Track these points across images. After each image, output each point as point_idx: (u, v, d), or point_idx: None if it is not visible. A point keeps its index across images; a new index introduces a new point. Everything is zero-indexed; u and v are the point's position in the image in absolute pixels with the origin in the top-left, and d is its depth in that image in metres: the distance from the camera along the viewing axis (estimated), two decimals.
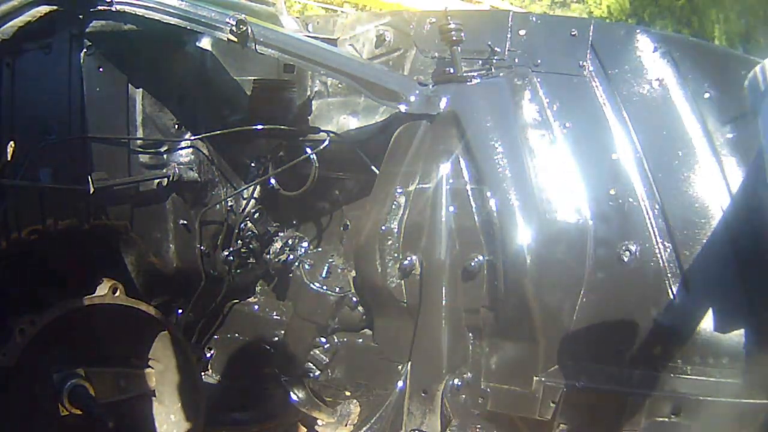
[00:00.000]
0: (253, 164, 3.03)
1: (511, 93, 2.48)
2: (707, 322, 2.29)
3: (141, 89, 2.70)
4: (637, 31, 2.50)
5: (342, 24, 3.11)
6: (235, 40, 2.43)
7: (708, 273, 2.32)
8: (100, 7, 2.47)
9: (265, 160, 2.98)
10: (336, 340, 2.83)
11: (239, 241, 2.99)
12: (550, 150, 2.45)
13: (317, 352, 2.82)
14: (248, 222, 3.00)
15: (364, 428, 2.62)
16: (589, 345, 2.39)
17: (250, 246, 3.02)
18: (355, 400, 2.87)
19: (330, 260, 2.87)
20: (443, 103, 2.45)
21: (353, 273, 2.78)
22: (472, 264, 2.36)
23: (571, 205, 2.40)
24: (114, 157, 2.63)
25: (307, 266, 2.82)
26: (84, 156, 2.52)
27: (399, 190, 2.50)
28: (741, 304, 2.28)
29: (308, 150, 2.77)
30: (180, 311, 3.00)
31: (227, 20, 2.41)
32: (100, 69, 2.56)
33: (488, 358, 2.45)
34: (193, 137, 2.87)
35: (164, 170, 2.79)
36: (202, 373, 2.87)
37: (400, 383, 2.57)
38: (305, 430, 3.03)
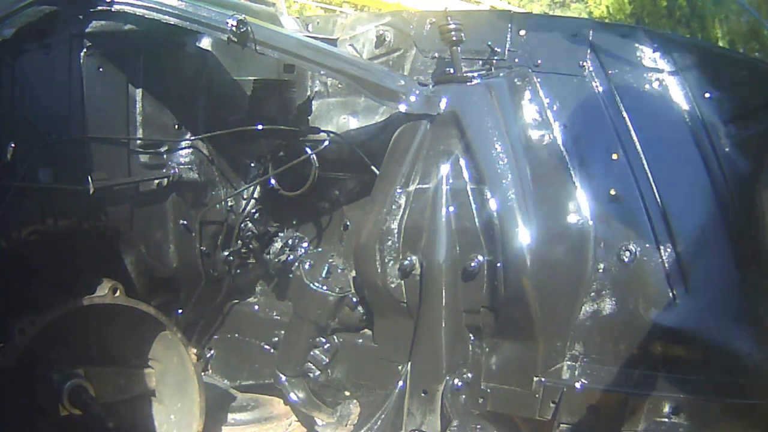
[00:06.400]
0: (253, 164, 3.04)
1: (511, 93, 2.48)
2: (707, 322, 2.29)
3: (141, 89, 2.70)
4: (637, 31, 2.51)
5: (342, 24, 3.12)
6: (235, 40, 2.43)
7: (708, 273, 2.33)
8: (100, 7, 2.47)
9: (265, 160, 2.98)
10: (336, 340, 2.83)
11: (239, 241, 2.99)
12: (550, 150, 2.45)
13: (317, 352, 2.82)
14: (248, 222, 3.00)
15: (364, 428, 2.62)
16: (589, 345, 2.39)
17: (250, 246, 3.02)
18: (355, 400, 2.87)
19: (330, 260, 2.87)
20: (443, 103, 2.45)
21: (353, 273, 2.78)
22: (472, 264, 2.36)
23: (571, 205, 2.40)
24: (114, 157, 2.63)
25: (307, 266, 2.82)
26: (84, 156, 2.52)
27: (399, 190, 2.50)
28: (741, 304, 2.29)
29: (308, 150, 2.78)
30: (180, 311, 3.00)
31: (227, 20, 2.41)
32: (100, 69, 2.56)
33: (488, 358, 2.45)
34: (193, 137, 2.87)
35: (164, 171, 2.79)
36: (202, 373, 2.87)
37: (400, 383, 2.57)
38: (305, 430, 3.03)
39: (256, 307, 3.20)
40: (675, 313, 2.32)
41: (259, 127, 2.81)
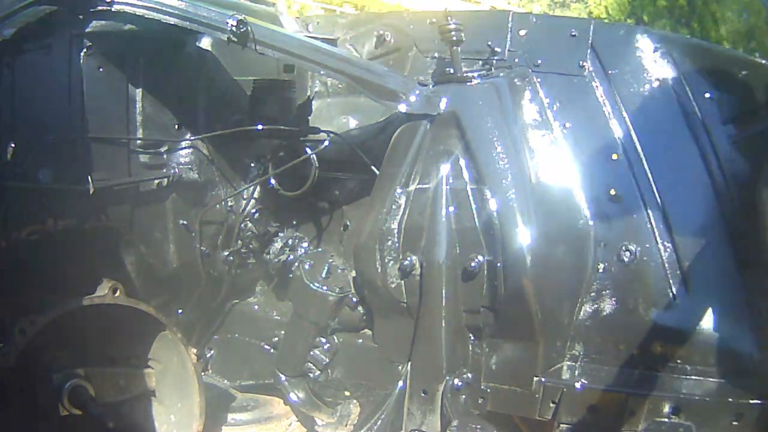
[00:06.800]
0: (253, 164, 3.04)
1: (511, 93, 2.48)
2: (707, 322, 2.30)
3: (141, 89, 2.70)
4: (637, 31, 2.51)
5: (342, 24, 3.11)
6: (235, 40, 2.43)
7: (708, 273, 2.33)
8: (100, 7, 2.47)
9: (265, 160, 2.98)
10: (336, 340, 2.83)
11: (239, 241, 2.99)
12: (550, 150, 2.45)
13: (317, 352, 2.82)
14: (248, 222, 3.00)
15: (364, 428, 2.62)
16: (589, 345, 2.39)
17: (250, 246, 3.02)
18: (355, 400, 2.87)
19: (330, 260, 2.87)
20: (443, 103, 2.45)
21: (353, 273, 2.78)
22: (472, 264, 2.36)
23: (571, 205, 2.40)
24: (114, 157, 2.63)
25: (307, 266, 2.82)
26: (84, 156, 2.52)
27: (399, 190, 2.50)
28: (741, 304, 2.29)
29: (308, 150, 2.78)
30: (180, 311, 3.00)
31: (227, 20, 2.41)
32: (100, 69, 2.56)
33: (488, 358, 2.45)
34: (193, 137, 2.87)
35: (164, 170, 2.79)
36: (202, 373, 2.87)
37: (400, 383, 2.57)
38: (305, 430, 3.03)
39: (256, 307, 3.20)
40: (675, 313, 2.32)
41: (259, 127, 2.81)
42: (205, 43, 2.91)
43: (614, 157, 2.42)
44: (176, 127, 2.85)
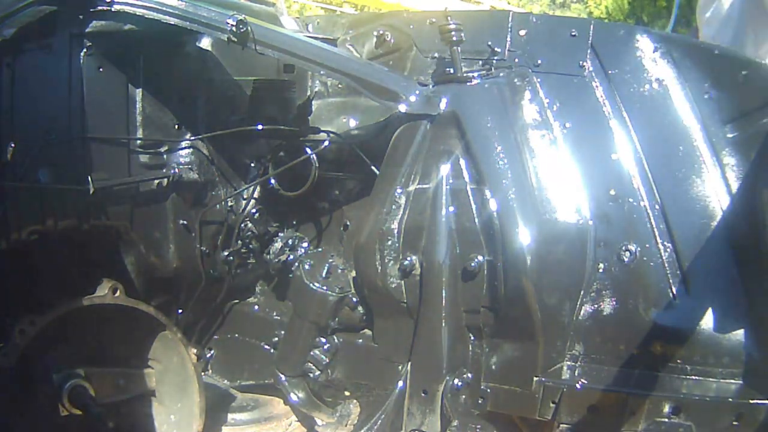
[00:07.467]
0: (253, 164, 3.04)
1: (511, 93, 2.48)
2: (707, 322, 2.30)
3: (141, 89, 2.69)
4: (637, 31, 2.51)
5: (342, 24, 3.12)
6: (235, 40, 2.43)
7: (708, 273, 2.33)
8: (100, 7, 2.47)
9: (265, 160, 2.98)
10: (336, 340, 2.83)
11: (239, 241, 2.99)
12: (550, 150, 2.45)
13: (317, 352, 2.82)
14: (248, 222, 3.00)
15: (364, 428, 2.62)
16: (589, 345, 2.39)
17: (250, 246, 3.02)
18: (355, 400, 2.87)
19: (330, 260, 2.87)
20: (443, 103, 2.45)
21: (353, 273, 2.78)
22: (472, 264, 2.36)
23: (571, 205, 2.40)
24: (114, 157, 2.63)
25: (307, 266, 2.82)
26: (84, 156, 2.52)
27: (399, 190, 2.50)
28: (741, 304, 2.29)
29: (308, 150, 2.78)
30: (180, 311, 3.01)
31: (227, 20, 2.41)
32: (100, 69, 2.55)
33: (488, 358, 2.45)
34: (193, 137, 2.87)
35: (164, 170, 2.79)
36: (202, 373, 2.87)
37: (400, 383, 2.57)
38: (305, 430, 3.03)
39: (256, 307, 3.20)
40: (675, 313, 2.32)
41: (259, 127, 2.81)
42: (205, 43, 2.91)
43: (614, 157, 2.42)
44: (176, 127, 2.84)
